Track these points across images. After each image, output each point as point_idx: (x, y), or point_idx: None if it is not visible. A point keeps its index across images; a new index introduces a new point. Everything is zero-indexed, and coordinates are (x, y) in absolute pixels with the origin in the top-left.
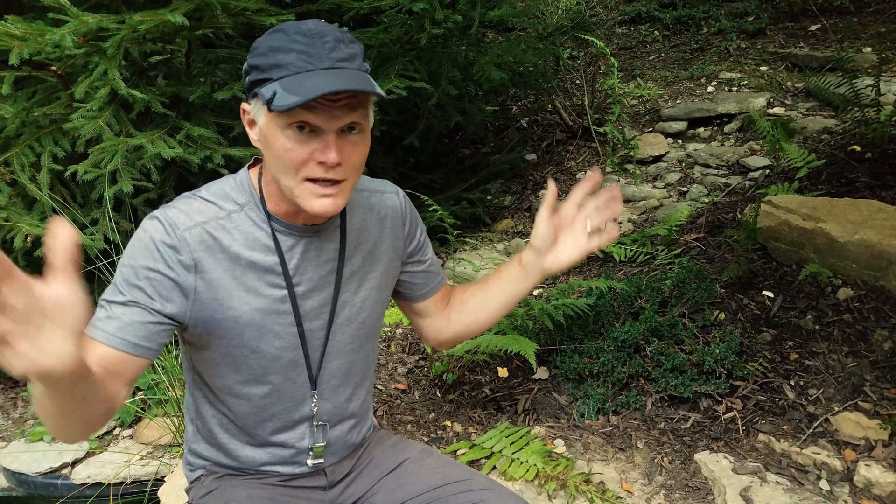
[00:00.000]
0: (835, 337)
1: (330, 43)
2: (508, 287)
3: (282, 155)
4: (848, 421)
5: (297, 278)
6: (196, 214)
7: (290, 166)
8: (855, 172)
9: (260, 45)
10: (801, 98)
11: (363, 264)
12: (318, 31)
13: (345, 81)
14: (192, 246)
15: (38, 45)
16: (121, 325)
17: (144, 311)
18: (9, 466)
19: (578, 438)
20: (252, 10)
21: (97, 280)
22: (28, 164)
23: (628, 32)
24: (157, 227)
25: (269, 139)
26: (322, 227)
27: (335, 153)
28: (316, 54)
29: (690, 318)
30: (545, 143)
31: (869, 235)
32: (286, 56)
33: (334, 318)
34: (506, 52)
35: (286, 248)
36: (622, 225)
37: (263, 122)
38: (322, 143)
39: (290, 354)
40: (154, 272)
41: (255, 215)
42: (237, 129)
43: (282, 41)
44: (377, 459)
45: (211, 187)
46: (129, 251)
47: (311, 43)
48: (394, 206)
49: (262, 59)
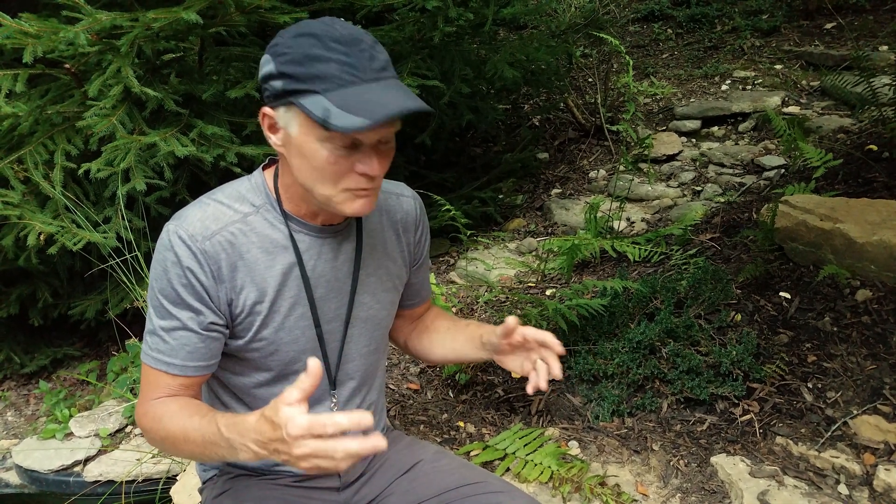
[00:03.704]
0: (853, 339)
1: (367, 51)
2: (466, 347)
3: (323, 167)
4: (867, 424)
5: (315, 279)
6: (211, 222)
7: (331, 178)
8: (872, 172)
9: (290, 51)
10: (817, 97)
11: (378, 265)
12: (351, 37)
13: (402, 99)
14: (213, 256)
15: (52, 43)
16: (187, 354)
17: (200, 332)
18: (21, 463)
19: (593, 440)
20: (265, 8)
21: (110, 278)
22: (41, 161)
23: (641, 30)
24: (178, 244)
25: (304, 150)
26: (339, 228)
27: (378, 165)
28: (360, 65)
29: (706, 319)
30: (557, 142)
31: (888, 236)
32: (327, 67)
33: (351, 319)
34: (518, 50)
35: (303, 249)
36: (636, 224)
37: (297, 132)
38: (364, 156)
39: (309, 356)
40: (189, 290)
41: (271, 216)
42: (250, 128)
43: (317, 49)
44: (391, 460)
45: (226, 189)
46: (159, 272)
47: (350, 52)
48: (409, 211)
49: (297, 69)
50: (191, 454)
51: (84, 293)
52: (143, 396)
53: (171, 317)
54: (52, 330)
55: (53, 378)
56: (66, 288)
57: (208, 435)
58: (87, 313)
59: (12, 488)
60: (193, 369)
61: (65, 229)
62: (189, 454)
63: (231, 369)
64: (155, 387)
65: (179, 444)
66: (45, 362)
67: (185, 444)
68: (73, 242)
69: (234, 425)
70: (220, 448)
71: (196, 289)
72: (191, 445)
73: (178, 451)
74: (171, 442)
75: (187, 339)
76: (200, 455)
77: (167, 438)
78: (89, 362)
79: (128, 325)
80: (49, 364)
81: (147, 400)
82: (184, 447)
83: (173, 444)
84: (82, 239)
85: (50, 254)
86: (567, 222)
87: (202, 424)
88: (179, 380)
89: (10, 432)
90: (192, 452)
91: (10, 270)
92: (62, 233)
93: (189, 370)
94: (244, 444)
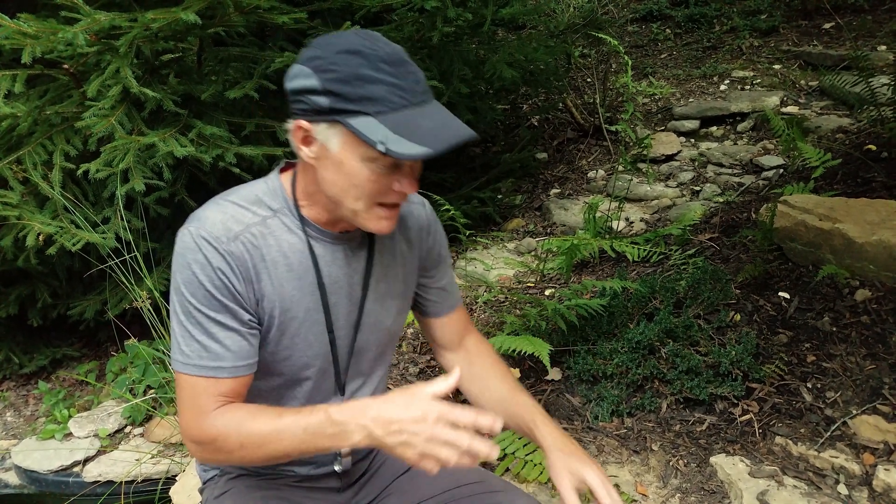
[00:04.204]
0: (852, 339)
1: (413, 73)
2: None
3: (362, 185)
4: (866, 424)
5: (329, 285)
6: (232, 223)
7: (368, 195)
8: (871, 172)
9: (337, 68)
10: (815, 97)
11: (387, 272)
12: (397, 57)
13: (458, 128)
14: (238, 257)
15: (51, 44)
16: (234, 354)
17: (241, 329)
18: (21, 464)
19: (592, 440)
20: (264, 9)
21: (108, 278)
22: (40, 162)
23: (640, 30)
24: (205, 246)
25: (343, 166)
26: (354, 235)
27: (414, 185)
28: (408, 88)
29: (705, 319)
30: (556, 142)
31: (887, 236)
32: (377, 88)
33: (360, 325)
34: (517, 50)
35: (319, 255)
36: (635, 224)
37: (338, 149)
38: (403, 175)
39: (321, 361)
40: (223, 291)
41: (288, 221)
42: (249, 128)
43: (366, 69)
44: (391, 461)
45: (240, 191)
46: (187, 276)
47: (398, 73)
48: (419, 217)
49: (346, 88)
50: (274, 453)
51: (83, 293)
52: (195, 410)
53: (209, 320)
54: (51, 330)
55: (52, 378)
56: (65, 288)
57: (312, 426)
58: (86, 314)
59: (11, 488)
60: (245, 368)
61: (64, 230)
62: (272, 454)
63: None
64: (207, 396)
65: (269, 443)
66: (45, 363)
67: (278, 443)
68: (72, 243)
69: (347, 408)
70: (324, 438)
71: (230, 289)
72: (285, 443)
73: (261, 453)
74: (256, 444)
75: (232, 340)
76: (290, 452)
77: (248, 443)
78: (88, 363)
79: (127, 325)
80: (48, 364)
81: (204, 412)
82: (273, 447)
83: (258, 447)
84: (81, 239)
85: (49, 254)
86: (566, 222)
87: (299, 418)
88: (229, 383)
89: (10, 433)
90: (281, 451)
91: (9, 271)
92: (61, 233)
93: (241, 370)
94: (361, 424)
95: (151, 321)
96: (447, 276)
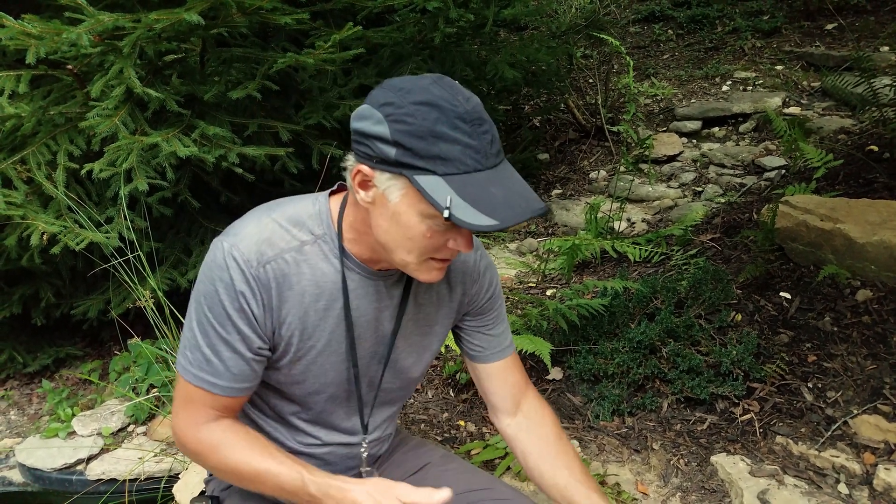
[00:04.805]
0: (853, 339)
1: (489, 132)
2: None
3: (416, 239)
4: (867, 424)
5: (355, 318)
6: (267, 247)
7: (422, 249)
8: (873, 173)
9: (412, 121)
10: (818, 98)
11: (421, 310)
12: (476, 114)
13: (529, 200)
14: (264, 283)
15: (55, 44)
16: (233, 376)
17: (246, 355)
18: (24, 462)
19: (593, 440)
20: (267, 9)
21: (112, 278)
22: (44, 162)
23: (642, 31)
24: (233, 266)
25: (400, 219)
26: (392, 272)
27: (471, 243)
28: (482, 150)
29: (707, 319)
30: (558, 143)
31: (889, 237)
32: (451, 148)
33: (388, 363)
34: (519, 50)
35: (352, 288)
36: (636, 225)
37: (398, 201)
38: (459, 234)
39: (332, 389)
40: (240, 314)
41: (327, 249)
42: (251, 128)
43: (442, 126)
44: (398, 461)
45: (286, 208)
46: (210, 290)
47: (474, 132)
48: (465, 261)
49: (418, 143)
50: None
51: (86, 293)
52: (185, 413)
53: (218, 337)
54: (55, 329)
55: (56, 377)
56: (69, 288)
57: (288, 485)
58: (90, 313)
59: (15, 486)
60: (239, 391)
61: (67, 229)
62: (246, 487)
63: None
64: (199, 405)
65: (244, 480)
66: (48, 362)
67: (252, 483)
68: (75, 242)
69: (327, 487)
70: (299, 499)
71: (247, 314)
72: (258, 486)
73: (234, 481)
74: (230, 474)
75: (234, 362)
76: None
77: (223, 469)
78: (91, 362)
79: (130, 324)
80: (52, 363)
81: (195, 421)
82: (248, 484)
83: (231, 476)
84: (85, 239)
85: (52, 254)
86: (567, 223)
87: (281, 471)
88: (222, 400)
89: (14, 431)
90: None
91: (12, 270)
92: (65, 233)
93: (235, 391)
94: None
95: (154, 320)
96: (497, 325)
